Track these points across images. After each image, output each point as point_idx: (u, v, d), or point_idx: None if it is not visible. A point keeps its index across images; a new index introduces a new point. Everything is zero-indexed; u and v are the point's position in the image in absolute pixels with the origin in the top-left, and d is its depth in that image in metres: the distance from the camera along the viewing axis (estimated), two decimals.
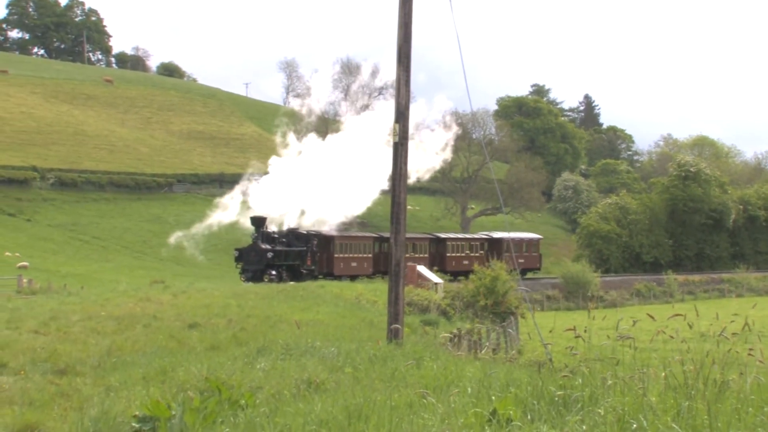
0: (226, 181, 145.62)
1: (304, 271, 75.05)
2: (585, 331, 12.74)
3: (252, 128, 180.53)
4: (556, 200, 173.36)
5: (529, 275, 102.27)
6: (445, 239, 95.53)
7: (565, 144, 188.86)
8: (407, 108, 22.73)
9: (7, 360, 24.09)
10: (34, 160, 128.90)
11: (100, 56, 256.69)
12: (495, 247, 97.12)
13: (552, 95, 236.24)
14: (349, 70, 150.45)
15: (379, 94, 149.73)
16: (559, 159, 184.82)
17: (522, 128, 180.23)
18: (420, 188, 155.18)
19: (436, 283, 66.37)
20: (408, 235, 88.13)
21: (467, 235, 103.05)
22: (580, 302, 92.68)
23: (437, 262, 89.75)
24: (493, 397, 11.24)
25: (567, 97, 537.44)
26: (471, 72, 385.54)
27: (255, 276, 69.62)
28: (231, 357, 21.60)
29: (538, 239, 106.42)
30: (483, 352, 27.78)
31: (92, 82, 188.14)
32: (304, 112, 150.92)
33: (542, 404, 10.64)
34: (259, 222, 72.81)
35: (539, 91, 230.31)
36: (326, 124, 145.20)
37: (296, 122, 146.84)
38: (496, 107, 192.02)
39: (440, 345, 23.98)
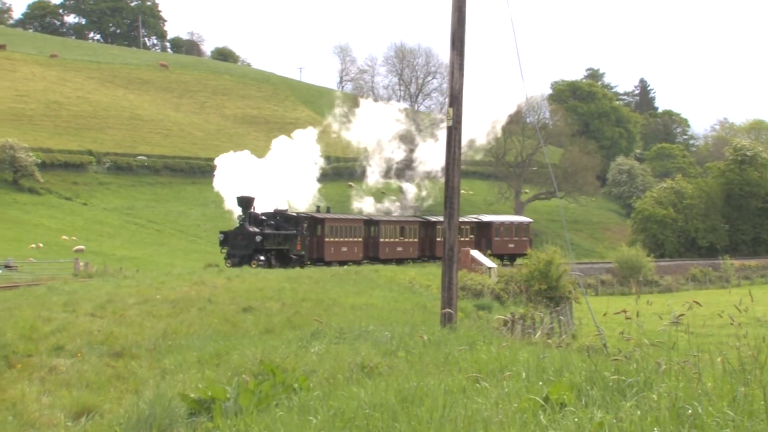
0: None
1: (294, 257, 70.70)
2: (638, 315, 12.66)
3: (306, 112, 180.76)
4: (610, 185, 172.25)
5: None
6: (434, 222, 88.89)
7: (619, 128, 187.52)
8: (461, 92, 22.67)
9: (65, 343, 24.33)
10: (91, 144, 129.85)
11: (155, 41, 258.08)
12: (484, 231, 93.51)
13: (606, 79, 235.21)
14: (403, 54, 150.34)
15: (432, 78, 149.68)
16: (613, 143, 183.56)
17: (576, 112, 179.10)
18: (474, 172, 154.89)
19: (489, 268, 66.28)
20: (394, 219, 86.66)
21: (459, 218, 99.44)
22: (633, 287, 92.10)
23: (427, 247, 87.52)
24: (545, 382, 11.22)
25: (622, 81, 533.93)
26: (525, 56, 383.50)
27: (242, 261, 64.48)
28: (285, 340, 21.67)
29: (528, 223, 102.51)
30: (536, 336, 27.70)
31: (147, 66, 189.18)
32: (358, 97, 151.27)
33: (596, 389, 10.60)
34: (246, 203, 67.64)
35: (594, 75, 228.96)
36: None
37: (350, 107, 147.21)
38: (550, 91, 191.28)
39: (493, 329, 23.94)
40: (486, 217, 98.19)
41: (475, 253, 71.51)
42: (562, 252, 59.86)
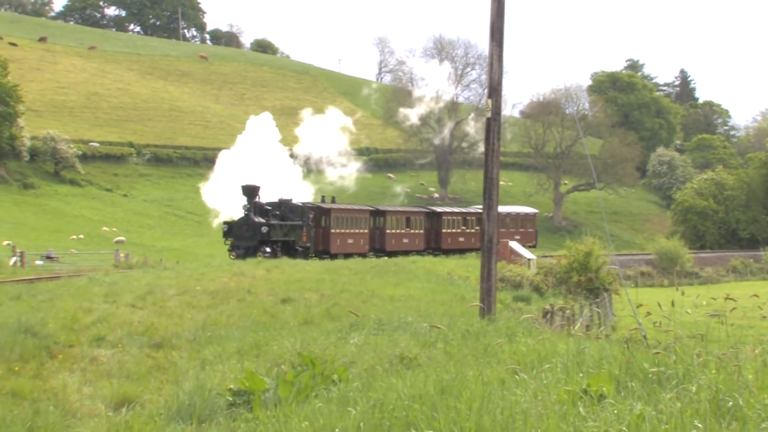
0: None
1: (299, 249, 67.22)
2: (673, 305, 12.63)
3: (345, 104, 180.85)
4: (650, 176, 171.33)
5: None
6: (440, 213, 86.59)
7: (659, 119, 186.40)
8: (500, 84, 22.64)
9: (105, 333, 24.50)
10: (131, 136, 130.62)
11: (194, 33, 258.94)
12: None
13: (646, 70, 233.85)
14: (442, 46, 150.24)
15: (471, 69, 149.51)
16: (653, 134, 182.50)
17: (616, 103, 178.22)
18: (513, 164, 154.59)
19: (529, 259, 66.16)
20: (400, 209, 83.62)
21: (462, 209, 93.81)
22: (674, 278, 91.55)
23: (432, 239, 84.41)
24: (584, 374, 11.20)
25: (662, 72, 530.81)
26: (564, 47, 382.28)
27: (247, 253, 61.28)
28: (324, 332, 21.74)
29: (534, 214, 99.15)
30: (576, 328, 27.66)
31: (187, 58, 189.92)
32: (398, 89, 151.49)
33: (635, 381, 10.58)
34: (251, 191, 64.45)
35: (633, 66, 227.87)
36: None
37: (390, 98, 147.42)
38: (589, 82, 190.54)
39: (532, 321, 23.94)
40: None
41: (514, 245, 71.36)
42: (601, 243, 59.63)
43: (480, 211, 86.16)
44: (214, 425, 12.96)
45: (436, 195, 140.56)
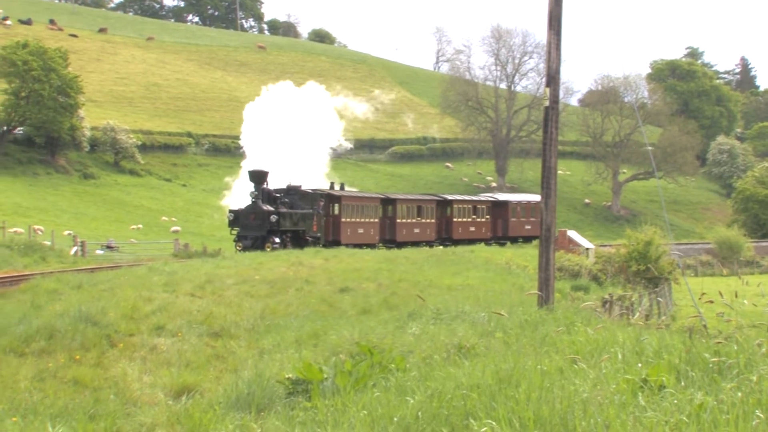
0: (376, 147, 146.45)
1: (309, 239, 63.38)
2: (736, 296, 12.52)
3: (402, 93, 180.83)
4: (710, 164, 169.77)
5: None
6: (451, 201, 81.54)
7: (720, 107, 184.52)
8: (558, 72, 22.52)
9: (165, 322, 24.70)
10: (189, 126, 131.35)
11: (252, 23, 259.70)
12: (500, 211, 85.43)
13: (706, 58, 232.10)
14: (500, 35, 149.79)
15: (529, 58, 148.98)
16: (713, 122, 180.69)
17: (675, 91, 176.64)
18: (571, 152, 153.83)
19: (587, 249, 65.82)
20: (410, 197, 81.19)
21: (473, 197, 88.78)
22: (734, 267, 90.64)
23: (444, 229, 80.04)
24: (644, 364, 11.14)
25: (722, 59, 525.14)
26: (623, 35, 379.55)
27: (255, 244, 57.97)
28: (382, 321, 21.77)
29: None
30: (635, 318, 27.49)
31: (245, 48, 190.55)
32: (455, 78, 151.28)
33: (695, 371, 10.50)
34: (259, 177, 60.57)
35: (693, 53, 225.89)
36: (476, 89, 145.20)
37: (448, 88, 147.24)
38: (649, 70, 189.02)
39: (591, 310, 23.82)
40: (502, 196, 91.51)
41: (573, 234, 70.95)
42: (660, 232, 59.19)
43: (491, 199, 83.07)
44: (272, 414, 13.02)
45: (494, 184, 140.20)
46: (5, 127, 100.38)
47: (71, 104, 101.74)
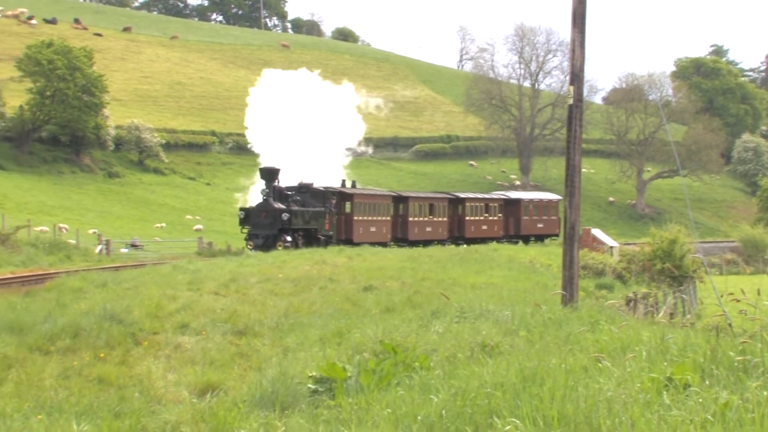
0: (399, 145, 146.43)
1: (321, 237, 62.31)
2: (759, 294, 12.49)
3: (425, 91, 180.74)
4: (735, 162, 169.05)
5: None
6: (463, 199, 79.94)
7: (745, 105, 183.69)
8: (582, 70, 22.48)
9: (189, 321, 24.78)
10: (213, 124, 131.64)
11: (276, 22, 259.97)
12: (512, 209, 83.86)
13: (731, 56, 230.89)
14: (523, 33, 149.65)
15: (553, 56, 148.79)
16: (738, 120, 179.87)
17: (700, 89, 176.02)
18: (595, 151, 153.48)
19: (611, 247, 65.69)
20: (422, 195, 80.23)
21: (485, 195, 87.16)
22: (760, 266, 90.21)
23: (456, 227, 78.42)
24: (668, 362, 11.11)
25: (747, 57, 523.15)
26: (648, 33, 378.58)
27: (266, 243, 56.94)
28: (405, 319, 21.76)
29: (558, 200, 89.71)
30: (659, 316, 27.41)
31: (269, 47, 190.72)
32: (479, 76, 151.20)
33: (721, 369, 10.47)
34: (270, 174, 59.69)
35: (718, 51, 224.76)
36: (499, 86, 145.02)
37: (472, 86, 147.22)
38: (673, 68, 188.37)
39: (615, 309, 23.76)
40: (514, 194, 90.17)
41: (597, 232, 70.78)
42: (685, 231, 58.99)
43: (503, 197, 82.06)
44: (296, 412, 13.04)
45: (518, 182, 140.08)
46: (30, 126, 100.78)
47: (96, 103, 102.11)
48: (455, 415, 10.25)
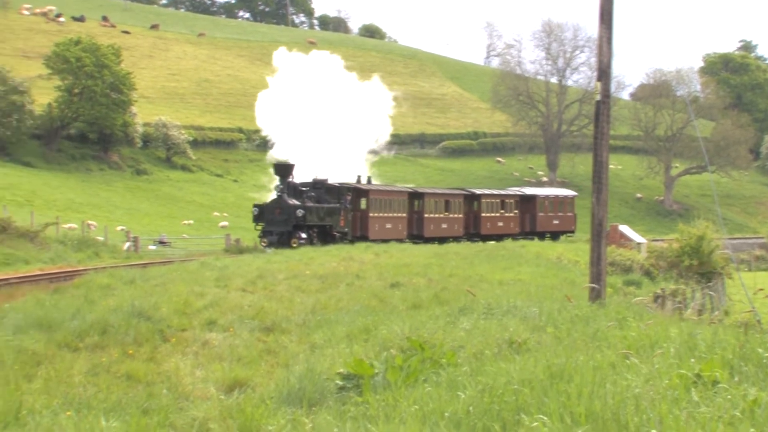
0: (427, 141, 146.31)
1: (337, 234, 61.26)
2: None
3: (453, 88, 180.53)
4: (764, 158, 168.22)
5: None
6: (479, 196, 78.72)
7: None
8: (609, 66, 22.43)
9: (217, 317, 24.83)
10: (240, 122, 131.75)
11: (303, 19, 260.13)
12: (528, 205, 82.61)
13: (760, 51, 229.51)
14: (551, 29, 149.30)
15: (580, 52, 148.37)
16: (767, 116, 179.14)
17: (728, 85, 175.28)
18: (622, 147, 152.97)
19: (639, 243, 65.48)
20: (438, 191, 79.11)
21: (501, 191, 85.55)
22: None
23: (471, 224, 77.09)
24: (697, 359, 11.07)
25: None
26: (675, 29, 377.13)
27: (281, 240, 56.25)
28: (432, 316, 21.74)
29: (573, 197, 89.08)
30: (688, 313, 27.33)
31: (296, 44, 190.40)
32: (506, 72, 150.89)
33: (749, 366, 10.44)
34: (284, 170, 59.19)
35: (746, 46, 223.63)
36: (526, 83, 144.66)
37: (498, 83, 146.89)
38: (701, 64, 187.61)
39: (643, 305, 23.69)
40: (529, 190, 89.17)
41: (624, 229, 70.53)
42: (713, 227, 58.74)
43: (519, 192, 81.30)
44: (324, 409, 13.06)
45: (545, 179, 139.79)
46: (59, 124, 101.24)
47: (124, 100, 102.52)
48: (482, 411, 10.25)
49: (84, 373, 18.47)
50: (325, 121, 68.67)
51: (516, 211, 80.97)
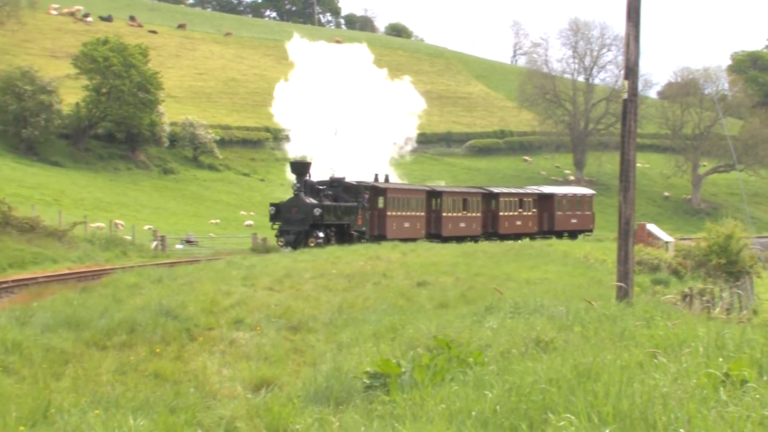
0: (453, 140, 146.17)
1: (354, 233, 60.46)
2: None
3: (479, 87, 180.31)
4: None
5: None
6: (497, 194, 78.30)
7: None
8: (636, 64, 22.34)
9: (244, 316, 24.88)
10: (267, 121, 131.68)
11: (329, 18, 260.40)
12: (546, 204, 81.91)
13: None
14: (577, 27, 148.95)
15: (607, 50, 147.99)
16: None
17: (757, 83, 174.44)
18: (650, 145, 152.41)
19: (666, 242, 65.22)
20: (456, 189, 78.47)
21: (519, 190, 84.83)
22: None
23: (490, 223, 76.46)
24: (725, 358, 11.03)
25: None
26: (703, 26, 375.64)
27: (298, 239, 55.50)
28: (459, 315, 21.73)
29: (591, 195, 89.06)
30: (716, 312, 27.22)
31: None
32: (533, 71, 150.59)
33: None
34: (301, 168, 58.51)
35: None
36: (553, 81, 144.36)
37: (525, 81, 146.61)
38: (729, 62, 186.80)
39: (671, 304, 23.61)
40: (547, 189, 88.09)
41: (652, 227, 70.23)
42: (742, 226, 58.46)
43: (537, 191, 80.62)
44: (351, 408, 13.06)
45: (572, 177, 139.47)
46: (87, 123, 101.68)
47: (151, 100, 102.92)
48: (509, 410, 10.24)
49: (112, 371, 18.54)
50: (350, 118, 68.77)
51: (534, 210, 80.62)
